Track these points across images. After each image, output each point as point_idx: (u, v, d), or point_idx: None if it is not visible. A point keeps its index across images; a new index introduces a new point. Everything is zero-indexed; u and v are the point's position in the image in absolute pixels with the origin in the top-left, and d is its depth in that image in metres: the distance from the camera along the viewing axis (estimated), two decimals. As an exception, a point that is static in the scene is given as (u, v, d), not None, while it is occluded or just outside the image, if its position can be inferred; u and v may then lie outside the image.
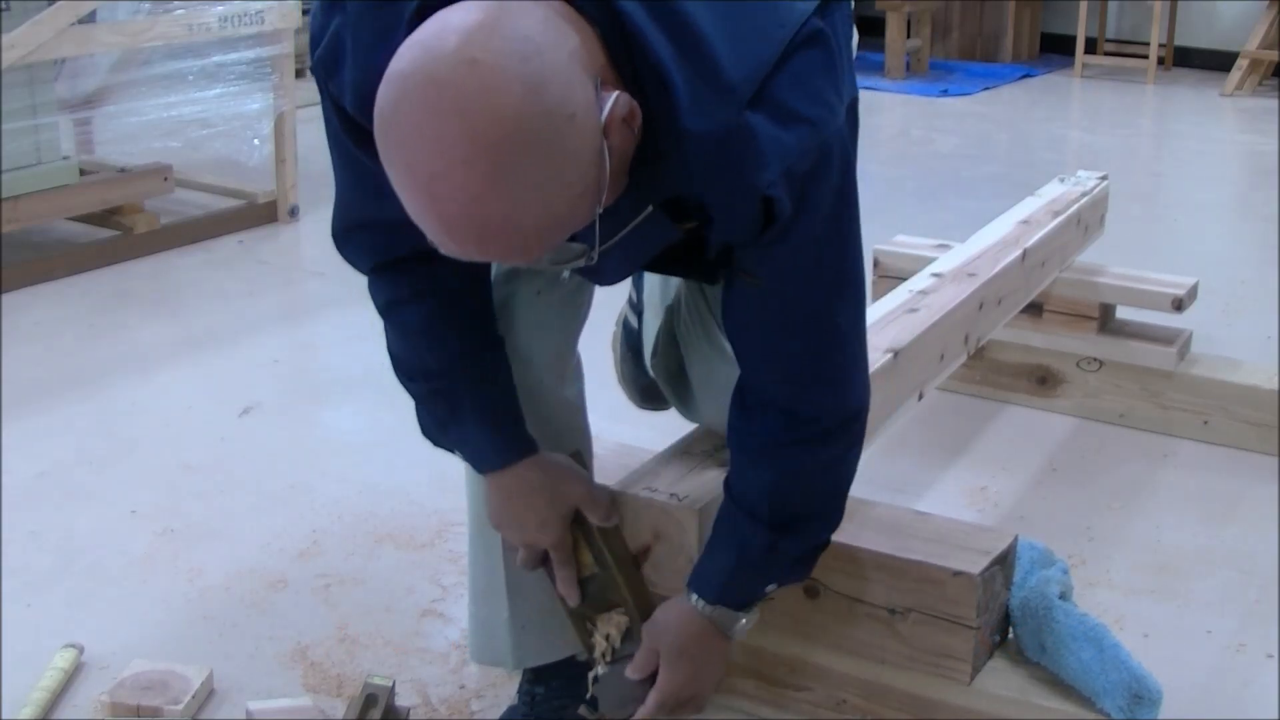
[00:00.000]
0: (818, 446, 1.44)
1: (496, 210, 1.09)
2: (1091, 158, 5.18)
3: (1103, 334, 2.75)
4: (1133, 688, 1.61)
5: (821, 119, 1.25)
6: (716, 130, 1.19)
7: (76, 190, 3.69)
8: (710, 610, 1.51)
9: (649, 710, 1.53)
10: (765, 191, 1.22)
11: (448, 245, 1.14)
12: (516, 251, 1.15)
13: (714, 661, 1.55)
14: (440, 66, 1.08)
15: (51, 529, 2.34)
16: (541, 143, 1.09)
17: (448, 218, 1.11)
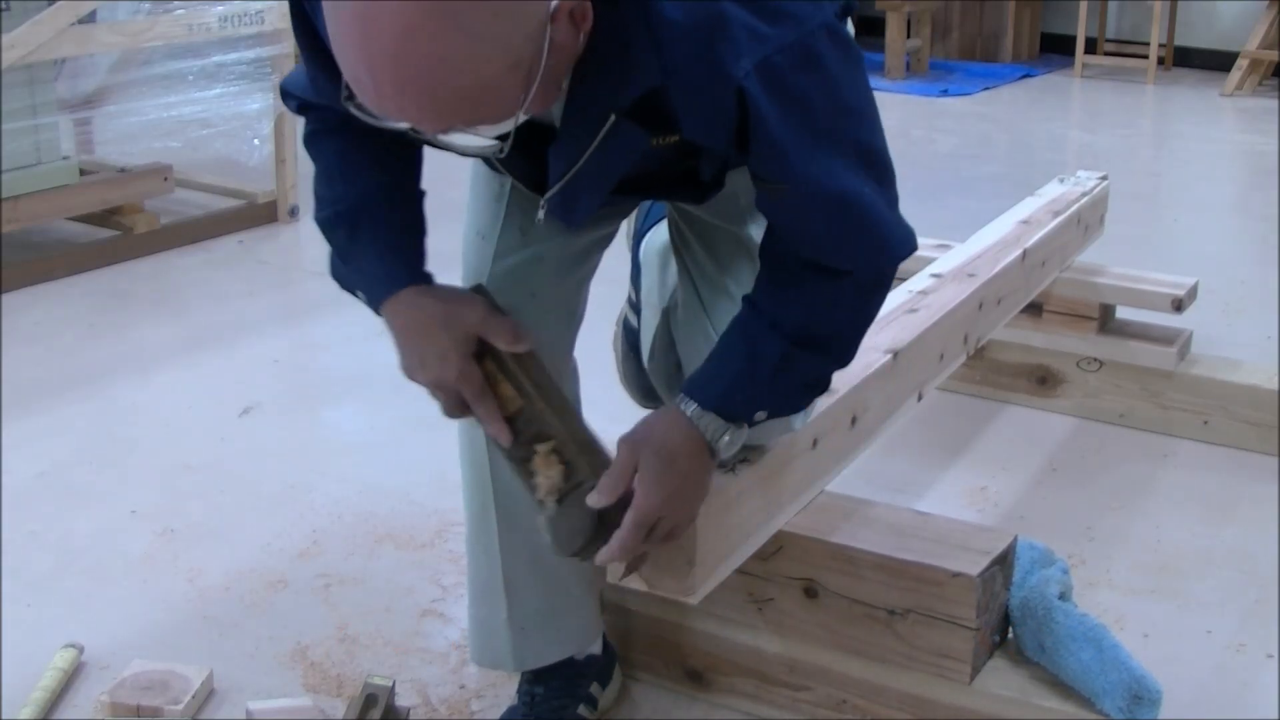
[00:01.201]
0: (850, 286, 1.40)
1: (426, 51, 1.07)
2: (1091, 158, 5.18)
3: (1103, 334, 2.75)
4: (1133, 688, 1.61)
5: (805, 14, 1.22)
6: (693, 19, 1.17)
7: (76, 190, 3.69)
8: (700, 416, 1.40)
9: (626, 531, 1.37)
10: (739, 81, 1.19)
11: (366, 85, 1.11)
12: (433, 106, 1.11)
13: (696, 479, 1.42)
14: None
15: (51, 529, 2.34)
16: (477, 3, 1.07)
17: (374, 53, 1.08)
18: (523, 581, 1.70)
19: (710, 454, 1.43)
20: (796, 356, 1.41)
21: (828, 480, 1.80)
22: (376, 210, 1.48)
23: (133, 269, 3.71)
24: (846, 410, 1.79)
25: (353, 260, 1.49)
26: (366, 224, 1.47)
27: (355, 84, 1.12)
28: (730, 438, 1.42)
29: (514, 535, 1.68)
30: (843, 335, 1.45)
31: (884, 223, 1.36)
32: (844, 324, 1.44)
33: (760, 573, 1.75)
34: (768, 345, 1.40)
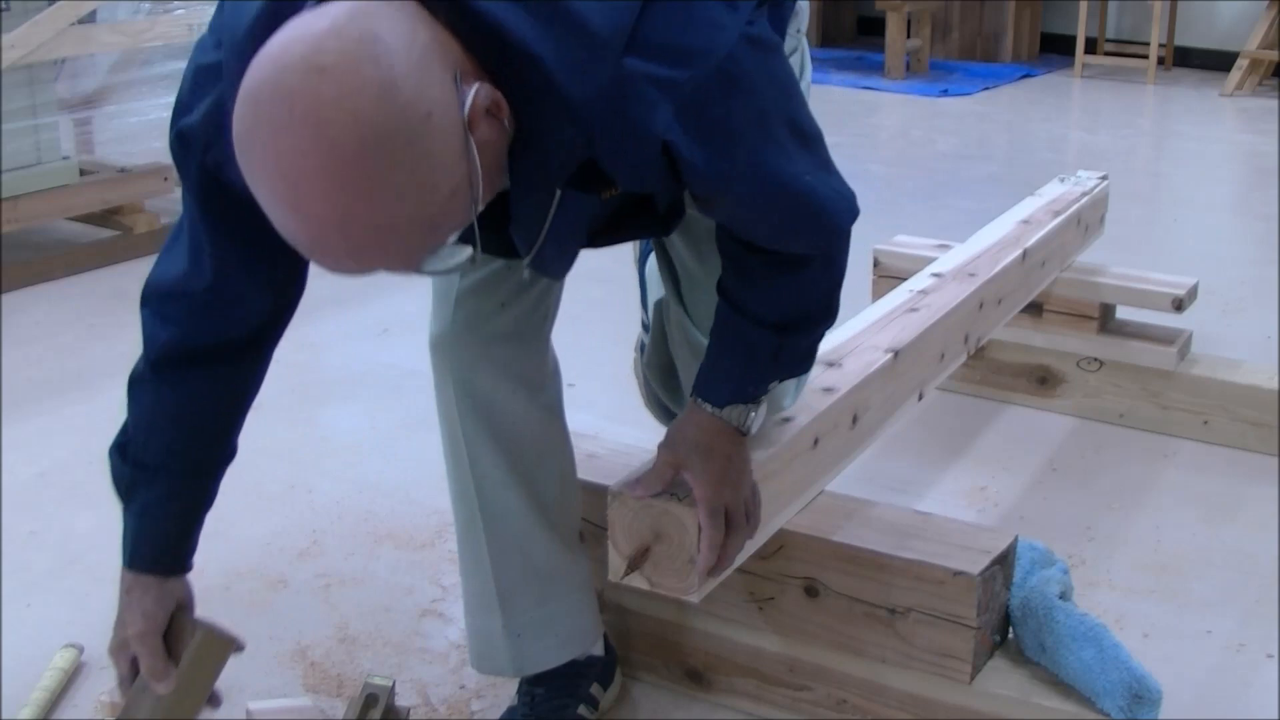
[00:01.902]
0: (809, 266, 1.43)
1: (365, 220, 1.06)
2: (1091, 158, 5.18)
3: (1103, 334, 2.75)
4: (1133, 688, 1.61)
5: (708, 44, 1.19)
6: (598, 89, 1.16)
7: (76, 190, 3.69)
8: (722, 412, 1.48)
9: (706, 529, 1.45)
10: (660, 137, 1.18)
11: (324, 263, 1.11)
12: (393, 260, 1.11)
13: (739, 459, 1.50)
14: (289, 77, 1.05)
15: (51, 529, 2.34)
16: (401, 145, 1.06)
17: (318, 235, 1.08)
18: (516, 589, 1.70)
19: (742, 434, 1.50)
20: (787, 338, 1.48)
21: (828, 480, 1.80)
22: (167, 486, 1.51)
23: (133, 269, 3.71)
24: (846, 410, 1.79)
25: (123, 499, 1.52)
26: (147, 494, 1.50)
27: (314, 261, 1.12)
28: (755, 415, 1.51)
29: (503, 544, 1.69)
30: (822, 303, 1.49)
31: (827, 201, 1.37)
32: (820, 295, 1.48)
33: (761, 572, 1.75)
34: (758, 338, 1.46)
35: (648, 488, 1.48)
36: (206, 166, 1.31)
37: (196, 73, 1.30)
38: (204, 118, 1.28)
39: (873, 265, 2.86)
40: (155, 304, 1.45)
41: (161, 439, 1.49)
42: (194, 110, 1.30)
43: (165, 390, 1.46)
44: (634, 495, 1.49)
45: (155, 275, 1.45)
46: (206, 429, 1.52)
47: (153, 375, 1.46)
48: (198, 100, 1.29)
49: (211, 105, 1.27)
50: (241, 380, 1.52)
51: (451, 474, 1.71)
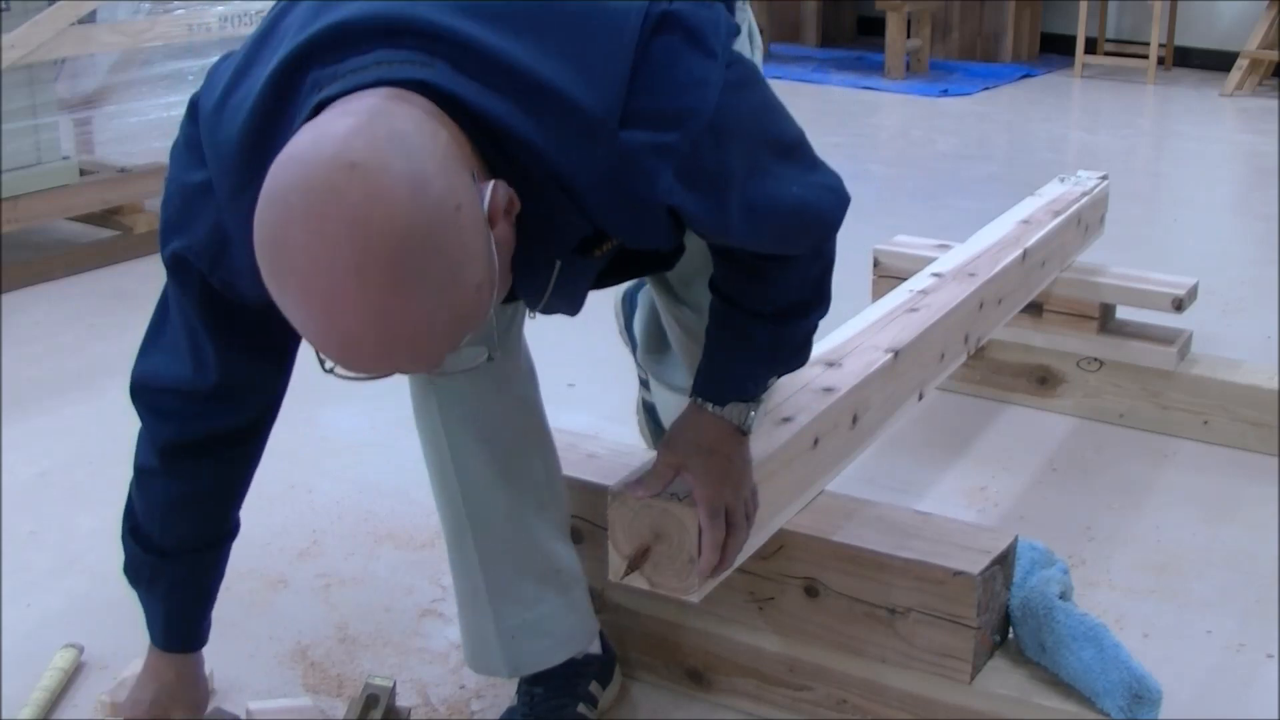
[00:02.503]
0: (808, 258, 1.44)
1: (401, 320, 1.05)
2: (1091, 158, 5.18)
3: (1103, 334, 2.75)
4: (1133, 688, 1.61)
5: (698, 102, 1.20)
6: (598, 168, 1.17)
7: (76, 190, 3.69)
8: (723, 411, 1.49)
9: (706, 529, 1.46)
10: (665, 201, 1.20)
11: (351, 364, 1.10)
12: (423, 359, 1.10)
13: (739, 458, 1.51)
14: (320, 175, 1.04)
15: (51, 529, 2.34)
16: (435, 241, 1.05)
17: (351, 336, 1.06)
18: (507, 591, 1.70)
19: (742, 433, 1.51)
20: (784, 328, 1.49)
21: (828, 480, 1.80)
22: (185, 566, 1.57)
23: (133, 269, 3.71)
24: (847, 410, 1.79)
25: (143, 592, 1.60)
26: (168, 577, 1.57)
27: (338, 363, 1.11)
28: (754, 413, 1.52)
29: (492, 546, 1.69)
30: (815, 289, 1.50)
31: (817, 204, 1.39)
32: (813, 282, 1.48)
33: (761, 572, 1.75)
34: (756, 331, 1.47)
35: (648, 488, 1.48)
36: (210, 285, 1.31)
37: (183, 192, 1.29)
38: (205, 240, 1.28)
39: (873, 265, 2.86)
40: (151, 399, 1.47)
41: (178, 525, 1.54)
42: (188, 231, 1.29)
43: (175, 481, 1.51)
44: (634, 496, 1.49)
45: (146, 371, 1.46)
46: (220, 508, 1.58)
47: (161, 466, 1.50)
48: (190, 221, 1.28)
49: (211, 227, 1.26)
50: (248, 457, 1.57)
51: (436, 482, 1.71)
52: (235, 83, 1.24)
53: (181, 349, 1.42)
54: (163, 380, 1.45)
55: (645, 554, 1.51)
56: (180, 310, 1.39)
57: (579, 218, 1.21)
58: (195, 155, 1.27)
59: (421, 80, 1.12)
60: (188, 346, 1.41)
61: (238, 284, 1.28)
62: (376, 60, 1.13)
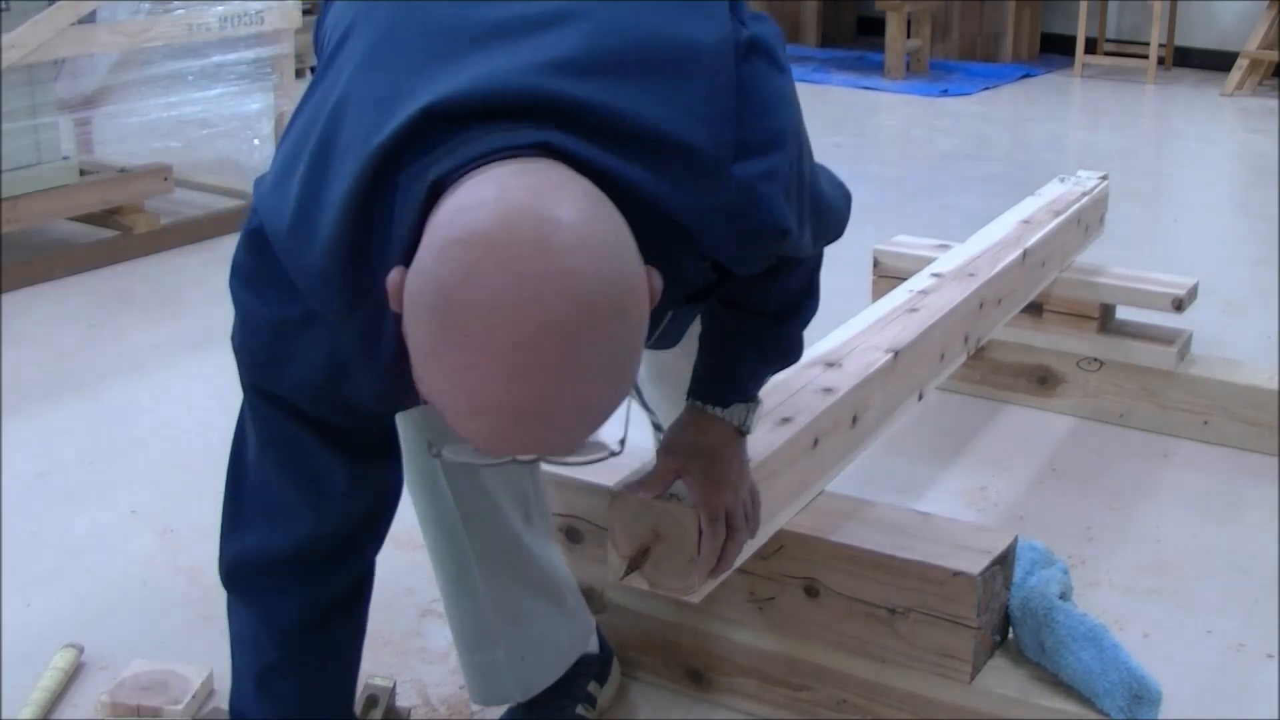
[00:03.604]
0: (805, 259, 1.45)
1: (576, 386, 0.97)
2: (1091, 158, 5.18)
3: (1103, 334, 2.75)
4: (1133, 688, 1.61)
5: (786, 121, 1.21)
6: (721, 207, 1.15)
7: (76, 190, 3.69)
8: (724, 412, 1.49)
9: (706, 533, 1.44)
10: (783, 227, 1.19)
11: (500, 434, 0.99)
12: (569, 436, 1.02)
13: (739, 461, 1.50)
14: (522, 224, 0.97)
15: (51, 529, 2.34)
16: (626, 309, 1.00)
17: (520, 398, 0.97)
18: (513, 616, 1.68)
19: (741, 434, 1.51)
20: (785, 326, 1.50)
21: (828, 480, 1.80)
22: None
23: (133, 269, 3.71)
24: (847, 410, 1.79)
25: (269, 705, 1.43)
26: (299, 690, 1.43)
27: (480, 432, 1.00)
28: (754, 414, 1.52)
29: (495, 573, 1.66)
30: (810, 285, 1.50)
31: (838, 203, 1.43)
32: (807, 277, 1.49)
33: (761, 572, 1.75)
34: (759, 331, 1.48)
35: (648, 491, 1.48)
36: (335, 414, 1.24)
37: (276, 331, 1.21)
38: (320, 374, 1.20)
39: (873, 265, 2.86)
40: (260, 581, 1.39)
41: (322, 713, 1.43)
42: (289, 373, 1.22)
43: (310, 669, 1.41)
44: (634, 498, 1.49)
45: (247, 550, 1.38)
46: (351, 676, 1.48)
47: (291, 659, 1.39)
48: (291, 359, 1.22)
49: (324, 359, 1.19)
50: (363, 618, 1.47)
51: (433, 526, 1.65)
52: (306, 202, 1.15)
53: (288, 504, 1.33)
54: (272, 553, 1.36)
55: (645, 554, 1.51)
56: (283, 446, 1.30)
57: (698, 266, 1.19)
58: (276, 289, 1.19)
59: (545, 143, 1.05)
60: (303, 489, 1.32)
61: (362, 406, 1.22)
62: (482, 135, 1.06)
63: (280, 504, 1.35)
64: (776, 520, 1.67)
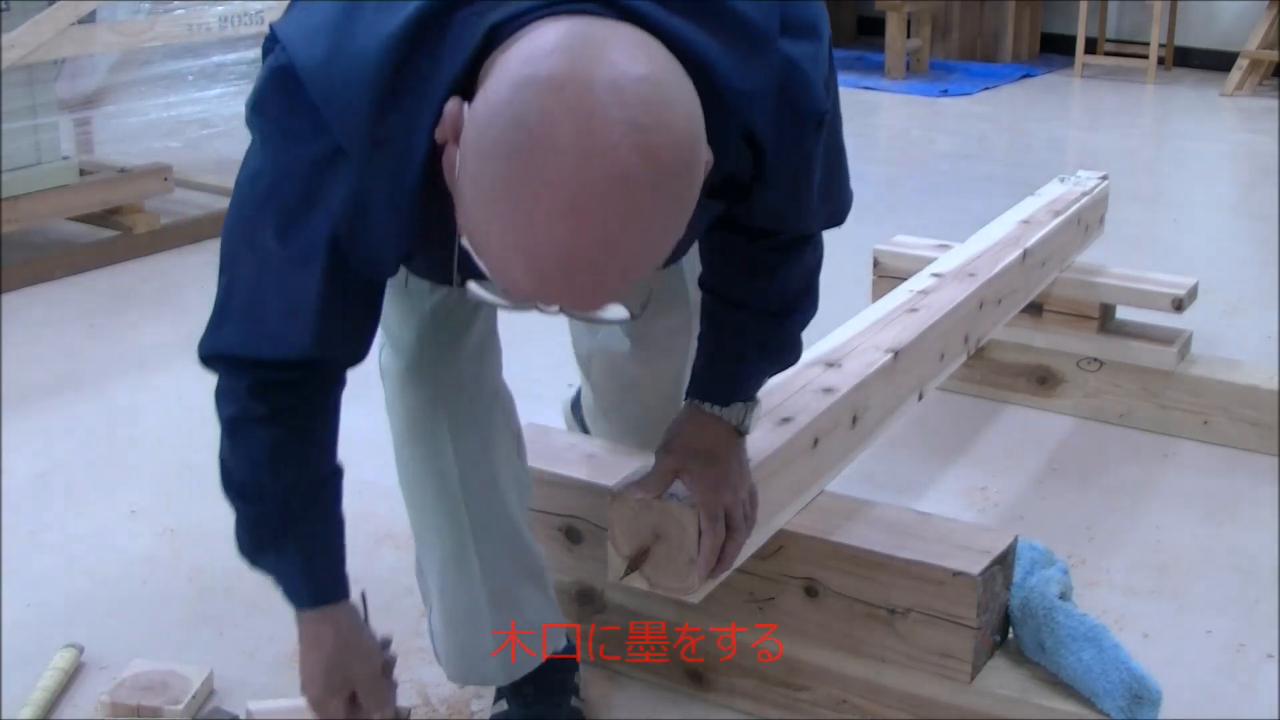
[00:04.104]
0: (799, 249, 1.46)
1: (629, 240, 0.99)
2: (1091, 158, 5.18)
3: (1103, 334, 2.75)
4: (1133, 688, 1.61)
5: (821, 11, 1.27)
6: (768, 80, 1.18)
7: (76, 190, 3.69)
8: (723, 411, 1.49)
9: (706, 532, 1.45)
10: (821, 109, 1.23)
11: (543, 277, 1.00)
12: (606, 290, 1.02)
13: (738, 460, 1.51)
14: (601, 73, 0.98)
15: (51, 529, 2.34)
16: (690, 170, 1.01)
17: (579, 243, 0.97)
18: (505, 597, 1.68)
19: (740, 434, 1.52)
20: (784, 324, 1.50)
21: (828, 480, 1.81)
22: (311, 505, 1.45)
23: (133, 269, 3.71)
24: (846, 410, 1.79)
25: (270, 557, 1.47)
26: (293, 534, 1.45)
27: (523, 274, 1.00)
28: (753, 414, 1.53)
29: (492, 552, 1.66)
30: (809, 284, 1.51)
31: (848, 188, 1.45)
32: (807, 275, 1.50)
33: (761, 572, 1.75)
34: (758, 330, 1.49)
35: (648, 490, 1.48)
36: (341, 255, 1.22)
37: (304, 165, 1.18)
38: (340, 212, 1.18)
39: (873, 265, 2.86)
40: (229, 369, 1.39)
41: (287, 467, 1.43)
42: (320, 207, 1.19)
43: (277, 422, 1.40)
44: (634, 498, 1.49)
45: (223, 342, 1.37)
46: (325, 443, 1.47)
47: (258, 409, 1.39)
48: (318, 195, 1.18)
49: (347, 197, 1.17)
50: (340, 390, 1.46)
51: (434, 499, 1.64)
52: (342, 36, 1.14)
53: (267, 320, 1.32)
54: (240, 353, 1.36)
55: (645, 554, 1.51)
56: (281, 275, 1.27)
57: (738, 142, 1.20)
58: (306, 123, 1.16)
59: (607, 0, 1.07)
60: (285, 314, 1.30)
61: (377, 250, 1.21)
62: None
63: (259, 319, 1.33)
64: (776, 520, 1.67)
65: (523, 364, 1.87)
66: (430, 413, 1.59)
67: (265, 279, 1.30)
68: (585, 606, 1.89)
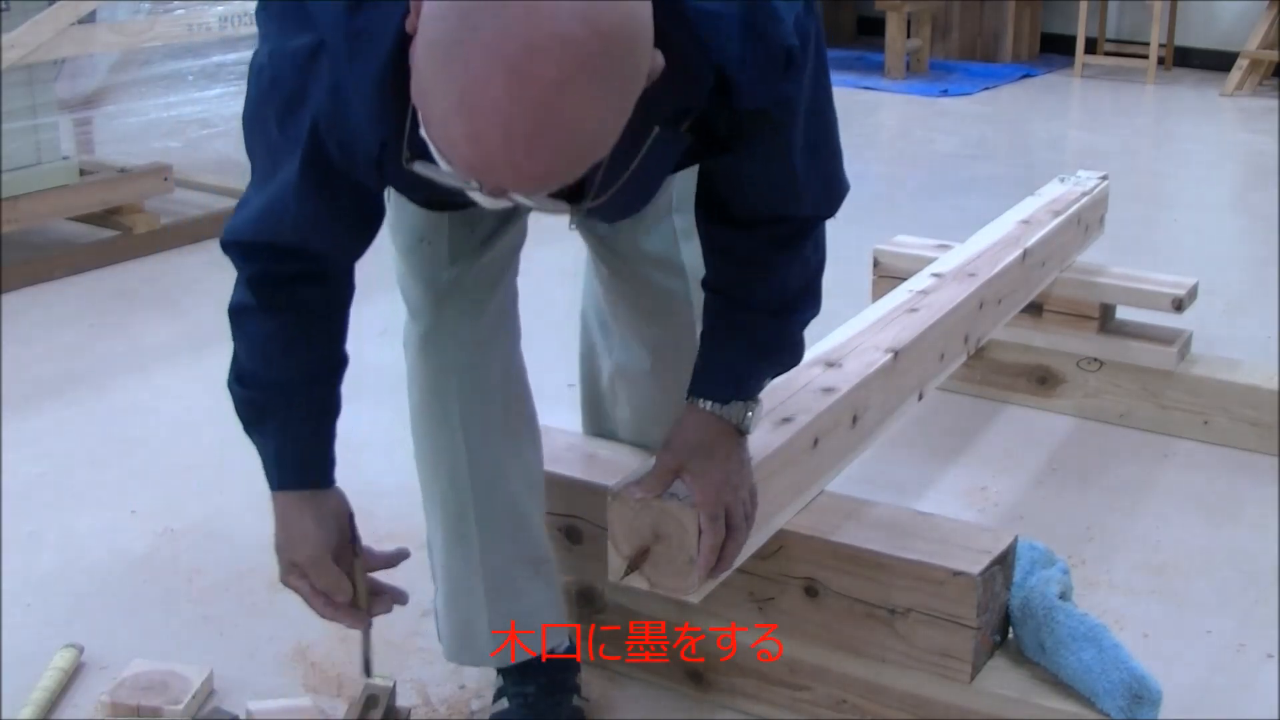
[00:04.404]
0: (799, 245, 1.47)
1: (568, 108, 1.00)
2: (1091, 158, 5.18)
3: (1103, 334, 2.75)
4: (1133, 688, 1.61)
5: None
6: (735, 9, 1.19)
7: (76, 190, 3.69)
8: (723, 409, 1.50)
9: (706, 531, 1.46)
10: (788, 44, 1.23)
11: (483, 143, 1.01)
12: (544, 163, 1.03)
13: (738, 460, 1.51)
14: None
15: (51, 529, 2.34)
16: (632, 53, 1.03)
17: (518, 106, 0.99)
18: (503, 580, 1.68)
19: (741, 434, 1.52)
20: (783, 323, 1.51)
21: (828, 480, 1.80)
22: (294, 398, 1.50)
23: (133, 269, 3.71)
24: (847, 410, 1.79)
25: (256, 432, 1.52)
26: (279, 411, 1.50)
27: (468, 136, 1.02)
28: (753, 414, 1.52)
29: (493, 532, 1.67)
30: (811, 285, 1.51)
31: (840, 166, 1.45)
32: (809, 276, 1.50)
33: (761, 572, 1.74)
34: (756, 327, 1.49)
35: (648, 490, 1.49)
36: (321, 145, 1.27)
37: (293, 59, 1.25)
38: (324, 104, 1.24)
39: (873, 265, 2.86)
40: (241, 250, 1.43)
41: (285, 357, 1.48)
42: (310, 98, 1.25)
43: (273, 313, 1.44)
44: (634, 497, 1.49)
45: (235, 226, 1.42)
46: (323, 335, 1.51)
47: (257, 301, 1.44)
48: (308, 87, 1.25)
49: (328, 90, 1.23)
50: (340, 291, 1.50)
51: (438, 466, 1.68)
52: None
53: (266, 208, 1.37)
54: (243, 228, 1.40)
55: (645, 554, 1.51)
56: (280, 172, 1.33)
57: (703, 69, 1.20)
58: (294, 20, 1.24)
59: None
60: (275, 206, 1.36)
61: (352, 144, 1.25)
62: None
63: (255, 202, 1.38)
64: (776, 520, 1.67)
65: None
66: (441, 381, 1.64)
67: (270, 166, 1.36)
68: (585, 606, 1.89)
